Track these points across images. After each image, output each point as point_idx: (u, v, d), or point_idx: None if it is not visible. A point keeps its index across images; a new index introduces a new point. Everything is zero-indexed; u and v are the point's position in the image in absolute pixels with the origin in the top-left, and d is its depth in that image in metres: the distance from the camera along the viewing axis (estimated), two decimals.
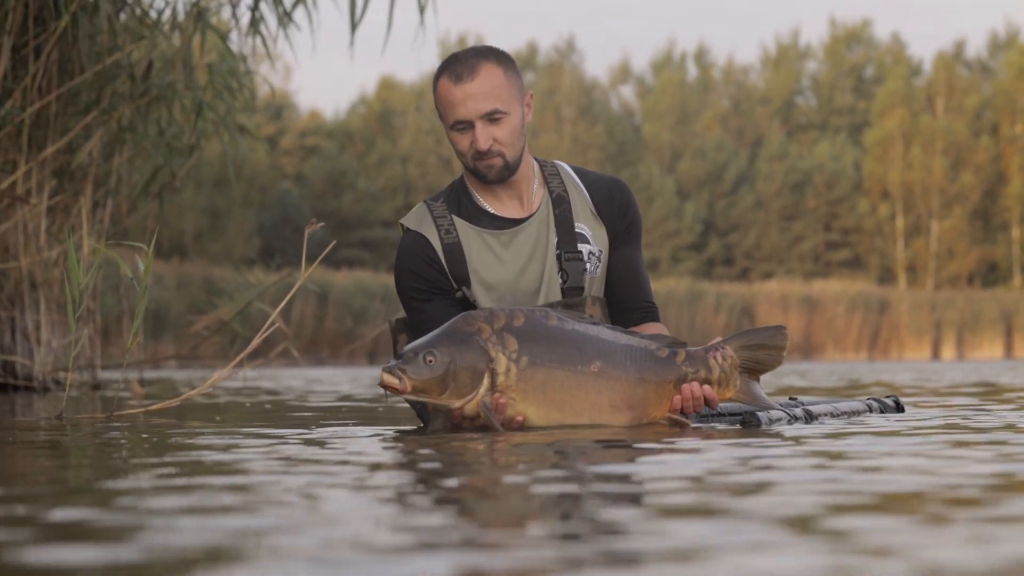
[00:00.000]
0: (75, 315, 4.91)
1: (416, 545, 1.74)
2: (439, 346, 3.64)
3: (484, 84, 3.98)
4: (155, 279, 24.44)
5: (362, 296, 29.52)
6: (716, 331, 34.59)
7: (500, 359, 3.69)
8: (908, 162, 51.53)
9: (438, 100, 4.04)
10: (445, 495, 2.37)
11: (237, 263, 32.05)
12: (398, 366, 3.63)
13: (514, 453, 3.15)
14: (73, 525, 1.98)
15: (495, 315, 3.73)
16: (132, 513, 2.10)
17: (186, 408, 6.02)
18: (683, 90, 56.91)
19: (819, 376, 13.09)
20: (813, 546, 1.72)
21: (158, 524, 1.96)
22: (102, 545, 1.76)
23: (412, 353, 3.64)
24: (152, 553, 1.70)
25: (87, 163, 9.16)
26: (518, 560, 1.63)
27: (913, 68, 57.01)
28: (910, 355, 36.26)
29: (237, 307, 9.11)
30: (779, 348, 3.99)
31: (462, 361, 3.66)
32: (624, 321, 4.21)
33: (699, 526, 1.90)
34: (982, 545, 1.71)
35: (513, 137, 4.02)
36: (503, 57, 4.07)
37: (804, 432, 3.73)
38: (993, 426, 4.01)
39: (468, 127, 4.00)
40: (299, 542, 1.77)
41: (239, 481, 2.58)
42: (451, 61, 4.05)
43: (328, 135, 50.95)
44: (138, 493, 2.41)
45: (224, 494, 2.35)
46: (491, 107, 3.97)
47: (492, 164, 4.02)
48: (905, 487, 2.39)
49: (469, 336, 3.67)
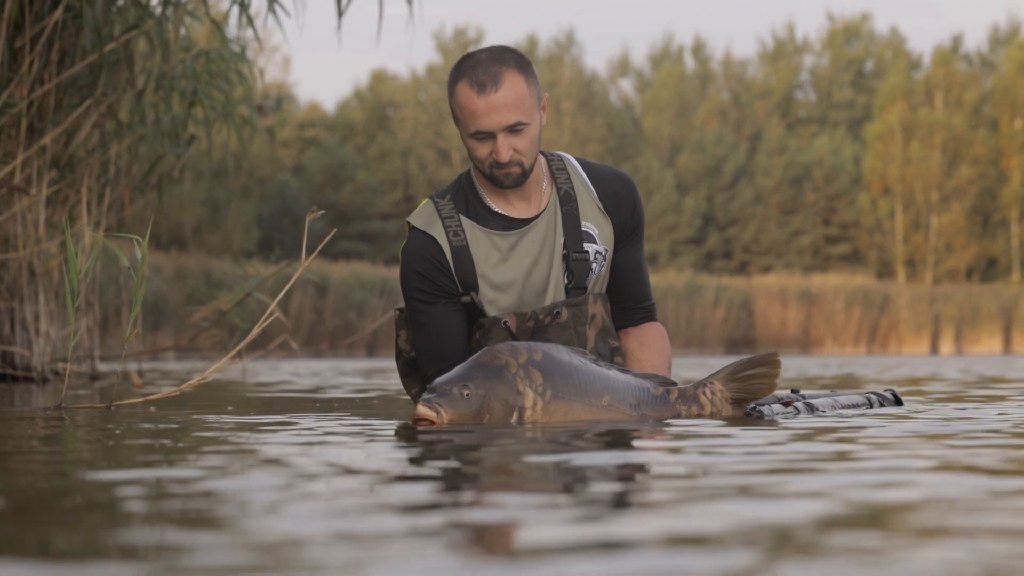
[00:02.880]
0: (74, 306, 4.90)
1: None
2: (474, 380, 3.68)
3: (508, 95, 3.91)
4: (153, 271, 24.44)
5: (361, 289, 29.51)
6: (715, 324, 34.62)
7: (528, 392, 3.74)
8: (907, 157, 51.51)
9: (457, 106, 3.97)
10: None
11: (236, 255, 32.06)
12: (435, 400, 3.65)
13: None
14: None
15: (517, 350, 3.78)
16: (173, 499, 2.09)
17: (185, 398, 6.01)
18: (683, 84, 56.89)
19: (814, 368, 13.09)
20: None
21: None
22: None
23: (448, 386, 3.67)
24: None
25: (86, 153, 9.15)
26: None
27: (913, 62, 56.99)
28: (909, 350, 36.27)
29: (236, 298, 9.10)
30: (771, 375, 4.01)
31: (495, 394, 3.70)
32: (626, 320, 4.25)
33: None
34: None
35: (532, 146, 3.98)
36: (523, 63, 3.99)
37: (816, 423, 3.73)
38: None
39: (488, 137, 3.94)
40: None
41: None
42: (471, 65, 3.97)
43: (329, 127, 50.94)
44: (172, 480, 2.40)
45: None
46: (514, 119, 3.92)
47: (510, 173, 3.98)
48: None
49: (499, 370, 3.72)
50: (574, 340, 4.08)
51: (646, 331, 4.25)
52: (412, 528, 1.80)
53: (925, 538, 1.70)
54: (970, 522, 1.84)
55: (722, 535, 1.72)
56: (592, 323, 4.11)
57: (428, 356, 4.08)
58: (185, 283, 25.98)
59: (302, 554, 1.59)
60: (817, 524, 1.82)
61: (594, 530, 1.77)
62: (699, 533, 1.73)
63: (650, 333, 4.25)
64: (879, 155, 52.09)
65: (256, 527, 1.80)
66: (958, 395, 5.90)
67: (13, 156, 8.80)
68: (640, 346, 4.22)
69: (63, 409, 5.06)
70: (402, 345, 4.28)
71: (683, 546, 1.64)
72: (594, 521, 1.86)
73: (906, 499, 2.11)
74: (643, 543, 1.66)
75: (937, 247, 51.85)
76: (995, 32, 58.18)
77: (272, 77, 49.32)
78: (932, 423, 3.81)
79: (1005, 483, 2.33)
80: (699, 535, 1.72)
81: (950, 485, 2.28)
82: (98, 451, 3.17)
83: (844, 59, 58.59)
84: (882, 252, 52.90)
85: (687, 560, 1.54)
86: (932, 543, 1.66)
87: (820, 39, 59.60)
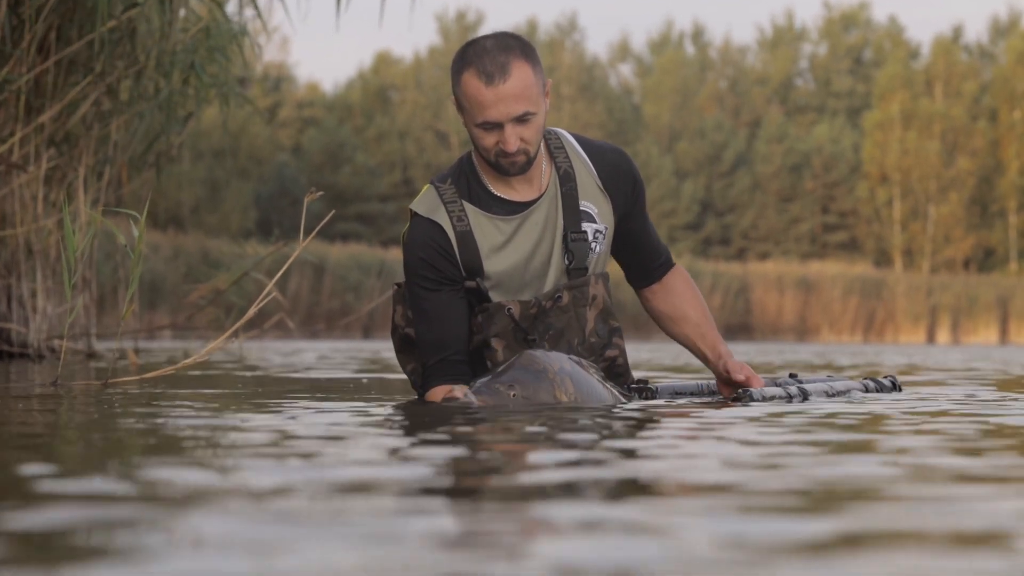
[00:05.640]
0: (71, 283, 4.90)
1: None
2: (520, 382, 3.81)
3: (516, 86, 3.89)
4: (151, 250, 24.43)
5: (358, 270, 29.51)
6: (712, 310, 34.59)
7: (563, 399, 3.85)
8: (905, 147, 51.51)
9: (464, 95, 3.93)
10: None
11: (234, 235, 32.02)
12: (485, 395, 3.77)
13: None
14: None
15: (550, 358, 3.90)
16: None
17: (180, 377, 6.01)
18: (683, 70, 56.85)
19: (808, 355, 13.09)
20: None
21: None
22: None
23: (497, 385, 3.79)
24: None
25: (84, 130, 9.13)
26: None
27: (911, 51, 56.96)
28: (905, 339, 36.30)
29: (233, 277, 9.10)
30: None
31: (536, 399, 3.81)
32: (648, 280, 4.37)
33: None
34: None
35: (538, 135, 3.96)
36: (528, 50, 3.97)
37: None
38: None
39: (495, 127, 3.92)
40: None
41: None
42: (478, 53, 3.94)
43: (327, 108, 50.89)
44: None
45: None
46: (523, 110, 3.89)
47: (516, 161, 3.96)
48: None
49: (540, 375, 3.85)
50: (574, 322, 4.08)
51: (668, 284, 4.38)
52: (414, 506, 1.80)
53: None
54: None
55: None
56: (593, 304, 4.11)
57: (430, 344, 4.06)
58: (182, 262, 25.98)
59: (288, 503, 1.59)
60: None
61: (596, 511, 1.77)
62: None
63: (673, 285, 4.39)
64: (878, 144, 52.10)
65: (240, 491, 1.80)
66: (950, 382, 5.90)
67: (11, 133, 8.79)
68: (667, 304, 4.36)
69: (59, 386, 5.06)
70: (398, 321, 4.28)
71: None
72: (594, 501, 1.86)
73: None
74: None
75: (935, 237, 51.87)
76: (995, 23, 58.15)
77: (271, 57, 49.25)
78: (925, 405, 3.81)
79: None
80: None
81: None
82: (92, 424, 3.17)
83: (842, 47, 58.57)
84: (880, 241, 52.94)
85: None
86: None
87: (818, 27, 59.58)
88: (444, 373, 4.05)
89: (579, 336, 4.11)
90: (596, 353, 4.15)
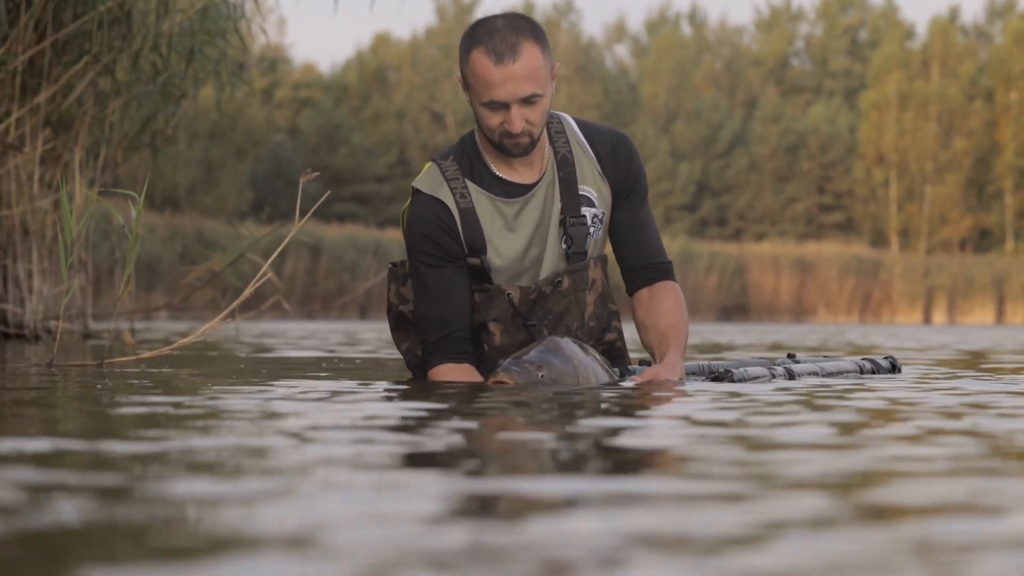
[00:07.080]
0: (67, 263, 4.90)
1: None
2: (548, 364, 3.82)
3: (525, 67, 3.87)
4: (147, 231, 24.41)
5: (354, 250, 29.51)
6: (708, 291, 34.63)
7: (584, 385, 3.85)
8: (902, 127, 51.48)
9: (472, 73, 3.91)
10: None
11: (230, 216, 32.00)
12: (515, 373, 3.78)
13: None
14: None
15: (572, 345, 3.92)
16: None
17: (177, 357, 6.02)
18: (680, 51, 56.77)
19: (804, 336, 13.11)
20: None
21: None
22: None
23: (528, 365, 3.80)
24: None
25: (80, 111, 9.13)
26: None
27: (908, 32, 56.88)
28: (901, 319, 36.33)
29: (229, 258, 9.10)
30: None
31: (562, 383, 3.81)
32: (635, 280, 4.20)
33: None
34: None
35: (543, 117, 3.95)
36: (538, 32, 3.95)
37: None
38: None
39: (502, 107, 3.90)
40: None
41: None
42: (488, 32, 3.91)
43: (324, 89, 50.81)
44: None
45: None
46: (530, 91, 3.87)
47: (520, 143, 3.94)
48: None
49: (568, 359, 3.86)
50: (574, 306, 4.08)
51: (655, 294, 4.18)
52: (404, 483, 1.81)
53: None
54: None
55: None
56: (592, 288, 4.11)
57: (432, 322, 4.05)
58: (179, 243, 25.97)
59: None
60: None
61: (598, 486, 1.78)
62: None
63: (659, 297, 4.18)
64: (874, 124, 52.06)
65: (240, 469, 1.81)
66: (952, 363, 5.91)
67: (7, 114, 8.79)
68: (648, 314, 4.14)
69: (55, 367, 5.07)
70: (392, 299, 4.28)
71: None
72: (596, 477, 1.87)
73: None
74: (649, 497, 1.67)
75: (931, 217, 51.87)
76: (992, 4, 58.07)
77: (266, 38, 49.14)
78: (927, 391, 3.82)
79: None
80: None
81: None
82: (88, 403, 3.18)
83: (839, 27, 58.49)
84: (876, 221, 52.93)
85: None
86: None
87: (814, 7, 59.48)
88: (447, 350, 4.04)
89: (578, 320, 4.10)
90: (595, 337, 4.14)
